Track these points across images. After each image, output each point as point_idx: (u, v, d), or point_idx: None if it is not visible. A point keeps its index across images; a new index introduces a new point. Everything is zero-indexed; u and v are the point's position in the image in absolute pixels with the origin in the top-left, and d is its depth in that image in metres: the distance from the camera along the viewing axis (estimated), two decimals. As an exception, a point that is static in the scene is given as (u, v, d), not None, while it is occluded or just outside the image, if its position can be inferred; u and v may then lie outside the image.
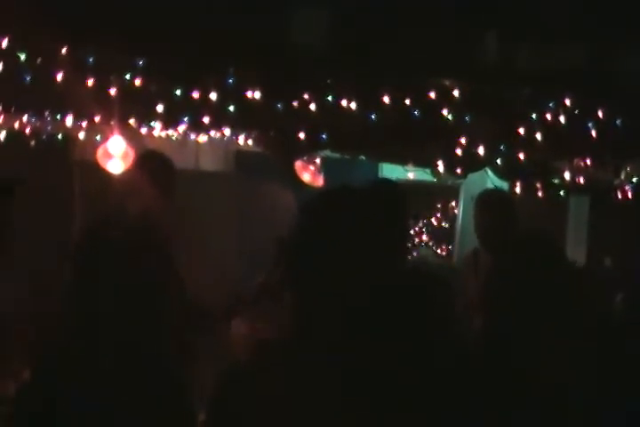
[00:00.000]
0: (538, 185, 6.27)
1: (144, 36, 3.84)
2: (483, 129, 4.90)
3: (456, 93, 4.44)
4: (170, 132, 6.05)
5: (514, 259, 2.42)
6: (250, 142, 6.23)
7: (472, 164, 5.57)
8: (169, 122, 5.32)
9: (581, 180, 6.29)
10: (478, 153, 5.20)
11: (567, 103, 4.56)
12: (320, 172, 6.78)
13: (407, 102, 4.49)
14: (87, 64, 3.95)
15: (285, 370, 1.75)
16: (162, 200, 3.88)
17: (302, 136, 5.08)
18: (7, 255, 3.23)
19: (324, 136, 5.21)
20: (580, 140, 4.86)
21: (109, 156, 5.45)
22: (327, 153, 6.41)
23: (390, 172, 7.04)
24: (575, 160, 5.81)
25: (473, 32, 4.30)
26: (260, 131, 5.69)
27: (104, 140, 5.55)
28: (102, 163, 5.49)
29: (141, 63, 4.03)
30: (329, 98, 4.47)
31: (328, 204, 1.85)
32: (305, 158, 6.57)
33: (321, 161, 6.76)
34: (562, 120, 4.63)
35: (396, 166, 6.73)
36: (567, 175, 6.04)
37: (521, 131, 4.80)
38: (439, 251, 8.11)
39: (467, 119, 4.71)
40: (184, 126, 5.44)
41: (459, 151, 5.27)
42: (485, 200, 4.56)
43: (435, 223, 9.46)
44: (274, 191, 7.16)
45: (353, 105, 4.52)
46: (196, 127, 5.53)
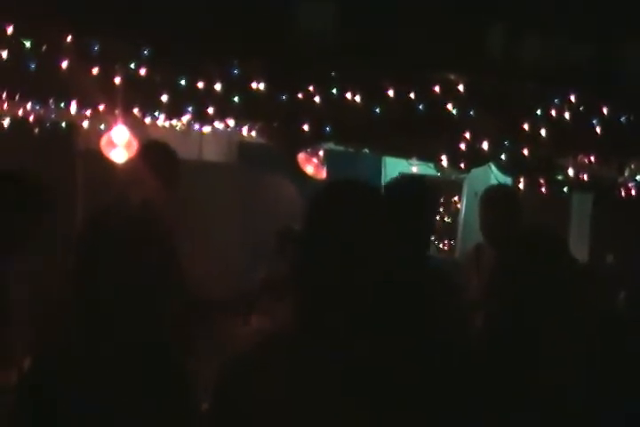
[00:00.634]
0: (541, 181, 6.27)
1: (149, 26, 3.82)
2: (487, 124, 4.88)
3: (461, 88, 4.42)
4: (174, 122, 6.05)
5: (518, 254, 2.42)
6: (253, 134, 6.23)
7: (476, 159, 5.56)
8: (173, 112, 5.33)
9: (585, 176, 6.30)
10: (482, 148, 5.19)
11: (572, 100, 4.54)
12: (323, 164, 6.78)
13: (412, 96, 4.48)
14: (92, 53, 3.94)
15: (288, 363, 1.75)
16: (165, 190, 3.88)
17: (306, 128, 5.08)
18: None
19: (328, 128, 5.20)
20: (585, 136, 4.84)
21: (113, 145, 5.46)
22: (331, 145, 6.41)
23: (394, 165, 7.04)
24: (579, 157, 5.81)
25: (479, 26, 4.28)
26: (264, 122, 5.69)
27: (108, 129, 5.55)
28: (106, 151, 5.50)
29: (146, 53, 4.01)
30: (333, 90, 4.46)
31: (335, 197, 1.83)
32: (308, 150, 6.57)
33: (324, 153, 6.76)
34: (566, 116, 4.61)
35: (400, 160, 6.75)
36: (571, 172, 6.03)
37: (525, 127, 4.78)
38: (441, 246, 8.10)
39: (471, 114, 4.69)
40: (188, 117, 5.45)
41: (463, 146, 5.26)
42: (492, 196, 4.47)
43: (437, 218, 9.43)
44: (277, 183, 7.16)
45: (357, 98, 4.51)
46: (200, 118, 5.53)
